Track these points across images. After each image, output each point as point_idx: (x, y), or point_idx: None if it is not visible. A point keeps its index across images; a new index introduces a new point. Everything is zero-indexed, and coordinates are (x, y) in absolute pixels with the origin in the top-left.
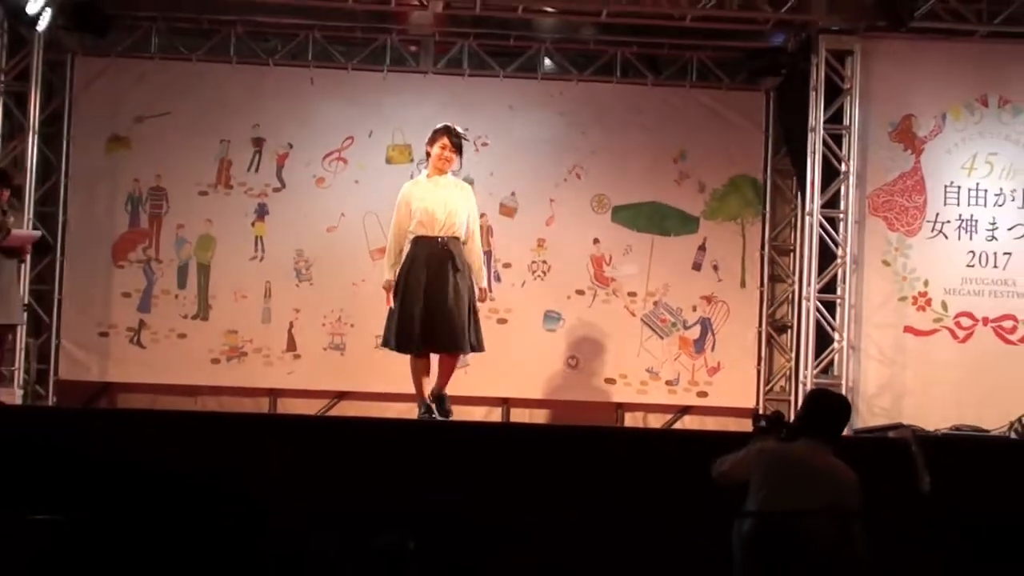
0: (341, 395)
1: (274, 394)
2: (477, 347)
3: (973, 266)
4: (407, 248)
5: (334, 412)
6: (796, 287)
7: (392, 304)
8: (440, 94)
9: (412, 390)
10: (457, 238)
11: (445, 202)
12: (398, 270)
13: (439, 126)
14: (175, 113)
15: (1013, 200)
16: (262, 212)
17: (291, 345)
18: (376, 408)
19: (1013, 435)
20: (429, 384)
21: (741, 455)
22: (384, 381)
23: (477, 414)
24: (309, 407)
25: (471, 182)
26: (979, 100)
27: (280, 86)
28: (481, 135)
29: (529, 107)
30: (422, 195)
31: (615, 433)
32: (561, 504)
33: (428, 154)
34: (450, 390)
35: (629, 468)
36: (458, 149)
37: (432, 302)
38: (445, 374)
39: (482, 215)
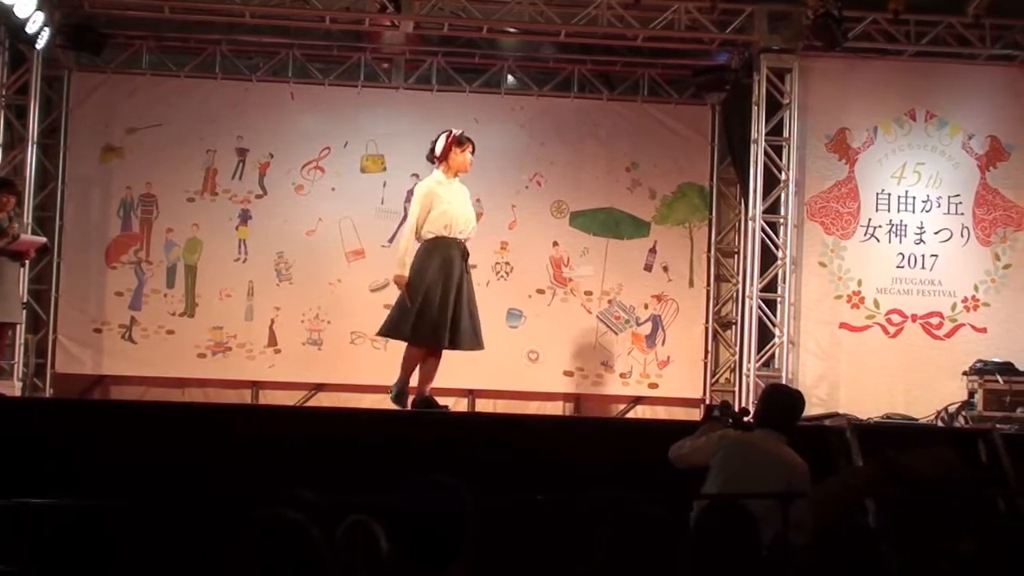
0: (318, 387)
1: (256, 386)
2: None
3: (903, 267)
4: (417, 246)
5: (312, 403)
6: (740, 286)
7: (408, 298)
8: (410, 108)
9: (383, 382)
10: (469, 240)
11: (464, 205)
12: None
13: (464, 133)
14: (165, 125)
15: (939, 206)
16: (245, 217)
17: (272, 340)
18: (350, 399)
19: (940, 423)
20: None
21: (701, 441)
22: (358, 374)
23: (445, 404)
24: (288, 398)
25: None
26: (908, 114)
27: (262, 100)
28: None
29: (493, 120)
30: (448, 197)
31: (573, 422)
32: (524, 487)
33: (444, 156)
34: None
35: (587, 454)
36: None
37: (459, 303)
38: (433, 375)
39: None
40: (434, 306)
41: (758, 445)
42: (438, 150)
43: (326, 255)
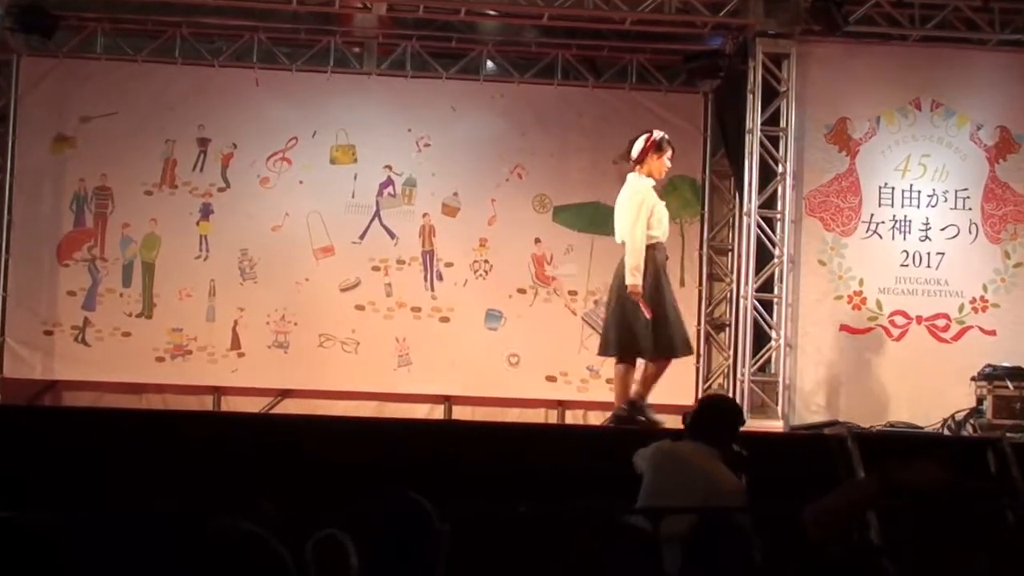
0: (284, 393)
1: (218, 392)
2: None
3: (907, 266)
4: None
5: (278, 410)
6: (734, 286)
7: (648, 310)
8: (383, 95)
9: (354, 387)
10: None
11: (665, 209)
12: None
13: (665, 137)
14: (121, 113)
15: (945, 201)
16: (207, 211)
17: (235, 343)
18: (319, 406)
19: (947, 431)
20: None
21: (646, 449)
22: (327, 379)
23: (420, 411)
24: (253, 405)
25: (413, 182)
26: (912, 103)
27: (225, 87)
28: (423, 135)
29: (471, 108)
30: (657, 201)
31: (556, 430)
32: (504, 498)
33: (642, 160)
34: (391, 387)
35: (571, 464)
36: None
37: (677, 310)
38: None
39: (424, 214)
40: (670, 315)
41: (686, 458)
42: (635, 152)
43: (293, 252)
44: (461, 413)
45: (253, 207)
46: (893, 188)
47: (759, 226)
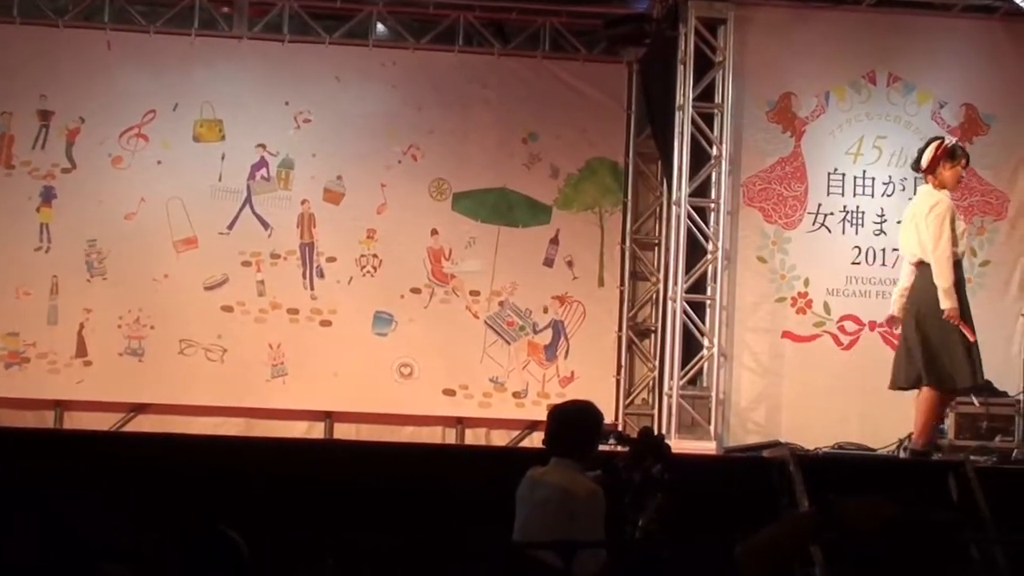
0: (138, 408)
1: (61, 406)
2: None
3: (859, 263)
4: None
5: (130, 427)
6: (661, 286)
7: (970, 332)
8: (257, 63)
9: (220, 402)
10: None
11: (962, 222)
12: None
13: (958, 143)
14: None
15: (903, 190)
16: (48, 196)
17: (81, 350)
18: (178, 423)
19: (903, 454)
20: None
21: None
22: (187, 392)
23: (296, 430)
24: (101, 422)
25: (291, 164)
26: (866, 77)
27: (71, 51)
28: (303, 110)
29: (358, 78)
30: (957, 215)
31: (454, 452)
32: (387, 528)
33: (932, 168)
34: (263, 401)
35: (470, 489)
36: None
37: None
38: None
39: (303, 201)
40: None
41: (541, 479)
42: (924, 160)
43: (149, 244)
44: (344, 432)
45: (103, 191)
46: (844, 174)
47: (690, 217)
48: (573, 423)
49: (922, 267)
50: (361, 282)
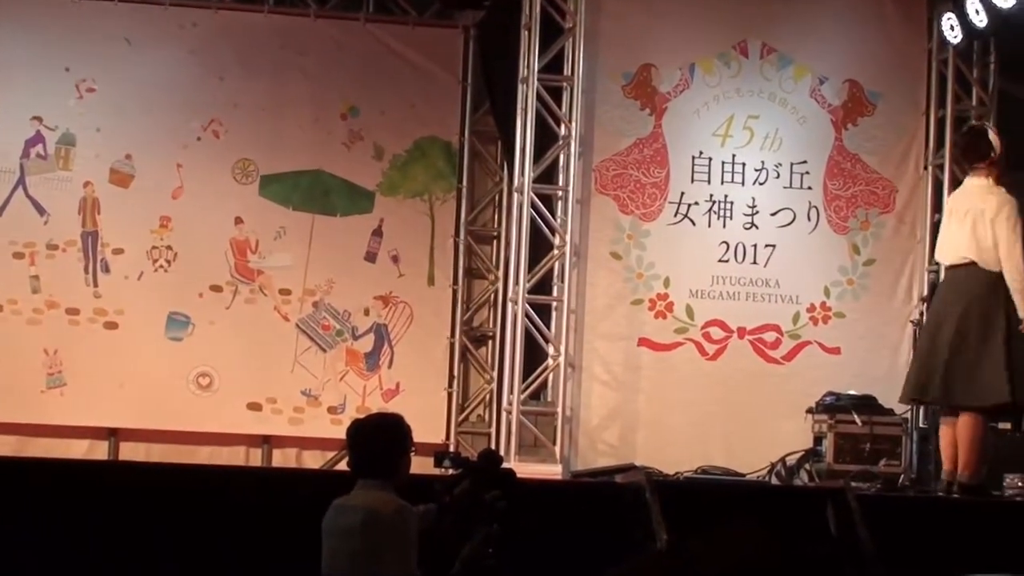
0: None
1: None
2: None
3: (727, 261)
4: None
5: None
6: (500, 285)
7: None
8: (30, 21)
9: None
10: None
11: None
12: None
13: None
14: None
15: (778, 177)
16: None
17: None
18: None
19: (775, 480)
20: None
21: None
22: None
23: (76, 449)
24: None
25: (71, 140)
26: (737, 48)
27: None
28: (86, 77)
29: (151, 42)
30: None
31: (259, 475)
32: (180, 563)
33: (996, 161)
34: (38, 416)
35: (276, 520)
36: None
37: None
38: None
39: (86, 184)
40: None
41: (345, 504)
42: (996, 149)
43: None
44: (132, 452)
45: None
46: (711, 159)
47: (534, 206)
48: (374, 439)
49: (971, 268)
50: (153, 278)
